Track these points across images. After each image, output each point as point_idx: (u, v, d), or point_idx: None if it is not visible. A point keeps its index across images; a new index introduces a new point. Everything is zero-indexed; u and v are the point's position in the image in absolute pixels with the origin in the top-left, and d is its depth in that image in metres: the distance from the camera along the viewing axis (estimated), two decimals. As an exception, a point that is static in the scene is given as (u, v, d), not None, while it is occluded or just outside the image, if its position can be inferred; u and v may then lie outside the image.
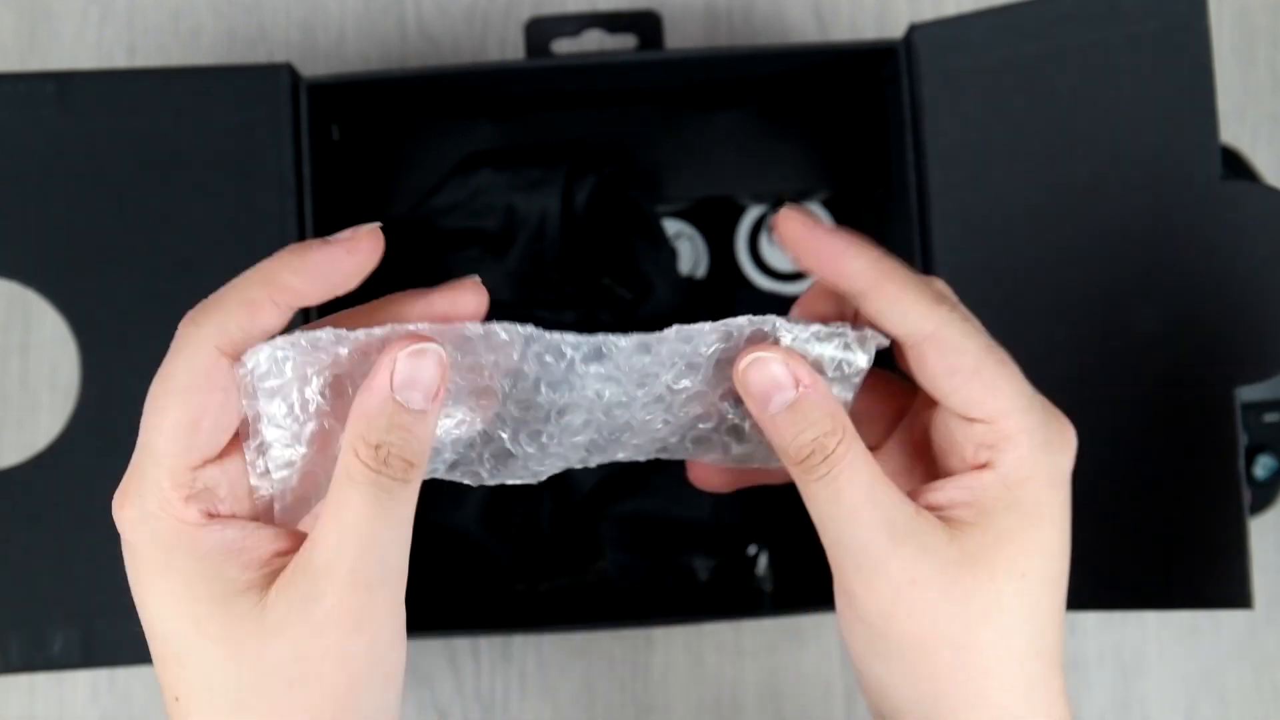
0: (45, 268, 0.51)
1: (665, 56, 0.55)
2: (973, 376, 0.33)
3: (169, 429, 0.31)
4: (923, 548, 0.33)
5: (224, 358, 0.32)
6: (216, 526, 0.32)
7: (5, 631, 0.50)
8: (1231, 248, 0.50)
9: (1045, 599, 0.34)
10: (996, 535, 0.33)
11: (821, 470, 0.33)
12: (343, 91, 0.54)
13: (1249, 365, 0.50)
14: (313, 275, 0.32)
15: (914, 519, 0.33)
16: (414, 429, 0.31)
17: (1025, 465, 0.33)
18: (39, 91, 0.51)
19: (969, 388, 0.33)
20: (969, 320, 0.34)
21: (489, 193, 0.60)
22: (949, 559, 0.33)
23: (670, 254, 0.61)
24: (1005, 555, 0.33)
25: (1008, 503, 0.34)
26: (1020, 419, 0.33)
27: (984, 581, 0.33)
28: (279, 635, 0.30)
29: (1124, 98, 0.51)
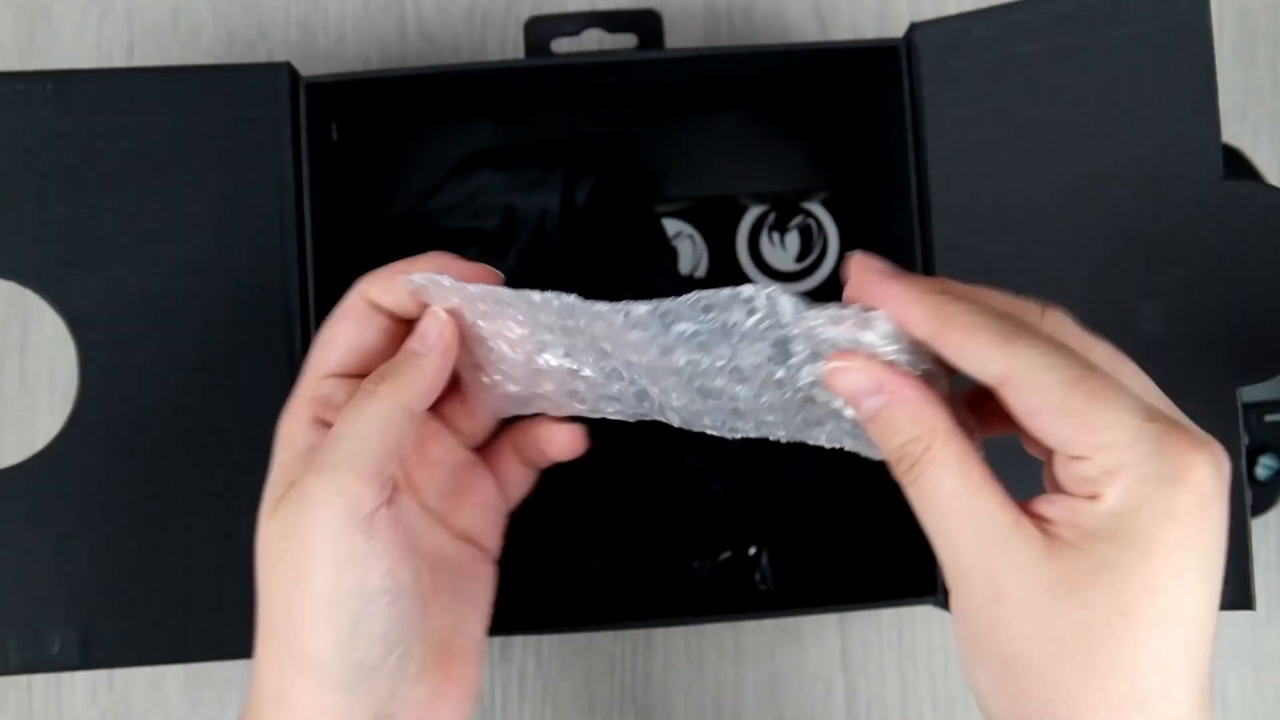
0: (43, 267, 0.51)
1: (665, 55, 0.55)
2: (1059, 415, 0.31)
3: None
4: (1014, 563, 0.31)
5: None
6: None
7: (3, 632, 0.49)
8: (1233, 247, 0.50)
9: (1158, 646, 0.31)
10: (1096, 563, 0.31)
11: (911, 475, 0.33)
12: (342, 91, 0.54)
13: (1251, 365, 0.50)
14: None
15: (1011, 530, 0.32)
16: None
17: (1131, 499, 0.31)
18: (37, 91, 0.51)
19: (1057, 427, 0.31)
20: (1052, 352, 0.32)
21: (488, 192, 0.60)
22: (1041, 578, 0.31)
23: (670, 254, 0.61)
24: (1103, 587, 0.31)
25: (1112, 532, 0.31)
26: (1122, 453, 0.31)
27: (1075, 610, 0.31)
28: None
29: (1125, 97, 0.51)
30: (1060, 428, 0.31)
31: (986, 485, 0.32)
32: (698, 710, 0.64)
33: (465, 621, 0.43)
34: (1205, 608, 0.31)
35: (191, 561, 0.50)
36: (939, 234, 0.52)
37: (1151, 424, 0.31)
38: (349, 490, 0.36)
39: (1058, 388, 0.31)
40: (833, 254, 0.64)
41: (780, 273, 0.64)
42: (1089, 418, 0.31)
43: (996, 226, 0.52)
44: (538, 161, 0.59)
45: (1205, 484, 0.31)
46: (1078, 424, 0.31)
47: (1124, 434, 0.31)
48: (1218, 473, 0.31)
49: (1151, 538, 0.30)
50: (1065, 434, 0.31)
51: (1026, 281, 0.50)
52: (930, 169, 0.52)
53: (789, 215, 0.64)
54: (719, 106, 0.62)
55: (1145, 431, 0.31)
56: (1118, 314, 0.51)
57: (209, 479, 0.50)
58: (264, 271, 0.51)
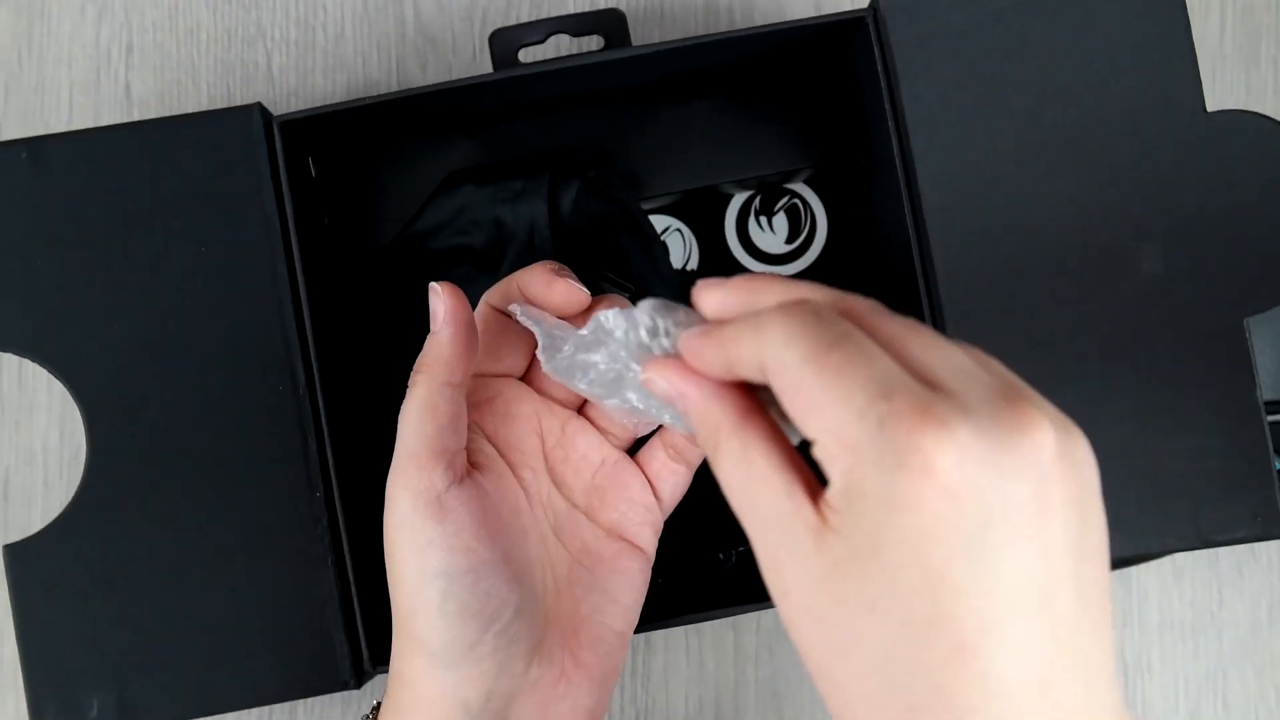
0: (40, 336, 0.51)
1: (632, 54, 0.54)
2: (794, 397, 0.29)
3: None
4: (791, 552, 0.30)
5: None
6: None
7: (41, 702, 0.50)
8: (1226, 178, 0.50)
9: (907, 644, 0.27)
10: (849, 552, 0.28)
11: (714, 469, 0.33)
12: (315, 125, 0.54)
13: (1256, 294, 0.50)
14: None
15: (790, 517, 0.30)
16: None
17: (853, 484, 0.28)
18: (12, 159, 0.51)
19: (793, 406, 0.29)
20: (800, 326, 0.29)
21: (473, 209, 0.60)
22: (814, 569, 0.29)
23: (662, 249, 0.61)
24: (855, 577, 0.28)
25: (856, 519, 0.28)
26: (842, 434, 0.28)
27: (838, 605, 0.28)
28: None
29: (1098, 43, 0.51)
30: (795, 409, 0.29)
31: (773, 474, 0.30)
32: (698, 710, 0.64)
33: (602, 613, 0.44)
34: (992, 608, 0.27)
35: (219, 611, 0.50)
36: (927, 200, 0.52)
37: (884, 402, 0.27)
38: (411, 481, 0.38)
39: (795, 366, 0.29)
40: (822, 232, 0.64)
41: (772, 255, 0.64)
42: (816, 396, 0.28)
43: (985, 185, 0.52)
44: (519, 173, 0.59)
45: (943, 467, 0.26)
46: (807, 405, 0.29)
47: (848, 412, 0.28)
48: (964, 453, 0.27)
49: (881, 529, 0.27)
50: (799, 415, 0.29)
51: (1022, 237, 0.51)
52: (911, 136, 0.52)
53: (775, 198, 0.64)
54: (693, 97, 0.62)
55: (872, 410, 0.27)
56: (1117, 259, 0.51)
57: (227, 526, 0.50)
58: (259, 312, 0.51)
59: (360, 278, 0.61)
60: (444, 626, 0.38)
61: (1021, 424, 0.28)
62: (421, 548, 0.38)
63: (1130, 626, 0.64)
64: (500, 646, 0.39)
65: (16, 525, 0.63)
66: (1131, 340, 0.51)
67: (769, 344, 0.30)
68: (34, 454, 0.63)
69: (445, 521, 0.38)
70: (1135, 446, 0.50)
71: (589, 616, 0.43)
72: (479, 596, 0.39)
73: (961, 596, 0.27)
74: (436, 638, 0.39)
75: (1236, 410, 0.50)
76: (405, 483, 0.39)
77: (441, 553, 0.38)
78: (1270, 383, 0.59)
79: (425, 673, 0.40)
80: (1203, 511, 0.50)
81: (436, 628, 0.39)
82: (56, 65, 0.66)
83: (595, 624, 0.43)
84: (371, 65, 0.66)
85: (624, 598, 0.44)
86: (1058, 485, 0.28)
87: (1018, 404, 0.28)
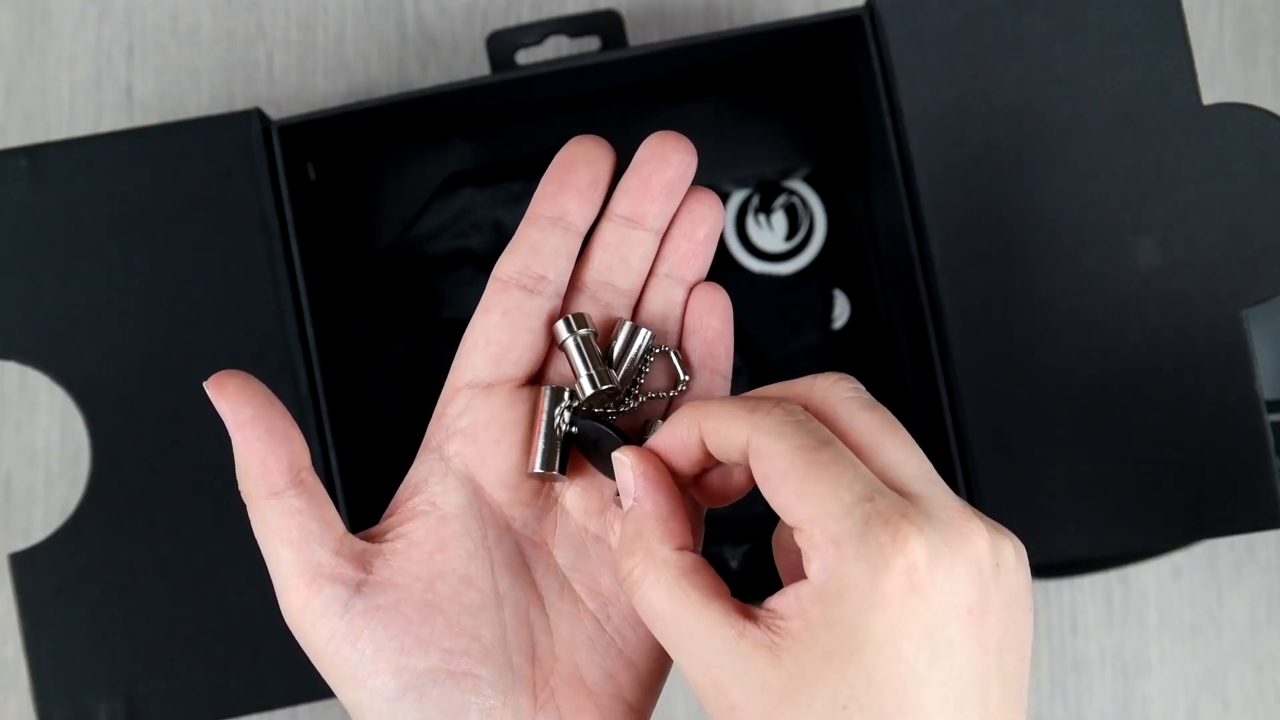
0: (41, 344, 0.51)
1: (629, 54, 0.54)
2: (782, 481, 0.30)
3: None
4: (742, 674, 0.30)
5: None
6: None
7: (49, 708, 0.50)
8: (1221, 171, 0.50)
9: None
10: (819, 656, 0.29)
11: (627, 587, 0.33)
12: (313, 129, 0.54)
13: (1253, 286, 0.50)
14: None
15: (735, 643, 0.30)
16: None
17: (834, 579, 0.29)
18: (11, 167, 0.51)
19: (780, 494, 0.31)
20: (791, 421, 0.31)
21: (473, 211, 0.60)
22: (769, 684, 0.30)
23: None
24: (825, 682, 0.29)
25: (828, 620, 0.29)
26: (829, 526, 0.29)
27: (802, 710, 0.29)
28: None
29: (1093, 36, 0.51)
30: (781, 496, 0.31)
31: (709, 602, 0.31)
32: (698, 710, 0.64)
33: (615, 681, 0.37)
34: (946, 696, 0.29)
35: (225, 616, 0.50)
36: (925, 196, 0.52)
37: (868, 502, 0.29)
38: (297, 616, 0.34)
39: (786, 454, 0.30)
40: (820, 229, 0.64)
41: (770, 254, 0.64)
42: (806, 486, 0.30)
43: (982, 180, 0.52)
44: (518, 174, 0.59)
45: (918, 567, 0.29)
46: (795, 493, 0.30)
47: (834, 507, 0.29)
48: (933, 556, 0.29)
49: (861, 624, 0.29)
50: (785, 502, 0.30)
51: (1019, 230, 0.51)
52: (908, 132, 0.52)
53: (773, 196, 0.64)
54: (690, 96, 0.62)
55: (858, 509, 0.29)
56: (1114, 251, 0.51)
57: (233, 532, 0.50)
58: (261, 317, 0.52)
59: (359, 281, 0.61)
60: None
61: (970, 533, 0.30)
62: (347, 680, 0.33)
63: (1129, 626, 0.64)
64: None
65: (18, 525, 0.63)
66: (1130, 332, 0.51)
67: (762, 429, 0.31)
68: (35, 454, 0.63)
69: (359, 644, 0.33)
70: (1134, 438, 0.51)
71: (597, 687, 0.36)
72: (429, 711, 0.33)
73: (925, 686, 0.29)
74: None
75: (1235, 401, 0.50)
76: (294, 618, 0.34)
77: (369, 680, 0.33)
78: (1269, 383, 0.59)
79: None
80: (1203, 502, 0.50)
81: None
82: (58, 66, 0.66)
83: (604, 697, 0.36)
84: (372, 66, 0.66)
85: (642, 662, 0.37)
86: (994, 589, 0.30)
87: (968, 515, 0.31)
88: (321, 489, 0.35)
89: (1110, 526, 0.51)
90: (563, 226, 0.36)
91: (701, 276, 0.39)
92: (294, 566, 0.33)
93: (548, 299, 0.37)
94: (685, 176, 0.38)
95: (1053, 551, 0.51)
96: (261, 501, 0.34)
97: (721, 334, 0.39)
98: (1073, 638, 0.64)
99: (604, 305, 0.38)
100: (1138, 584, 0.65)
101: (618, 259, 0.38)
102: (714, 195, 0.39)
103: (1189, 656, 0.64)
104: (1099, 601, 0.65)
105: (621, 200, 0.37)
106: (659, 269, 0.38)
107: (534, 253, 0.36)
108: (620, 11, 0.61)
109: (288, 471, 0.33)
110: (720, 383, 0.39)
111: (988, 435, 0.52)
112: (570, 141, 0.37)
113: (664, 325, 0.38)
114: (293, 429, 0.34)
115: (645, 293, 0.39)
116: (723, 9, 0.66)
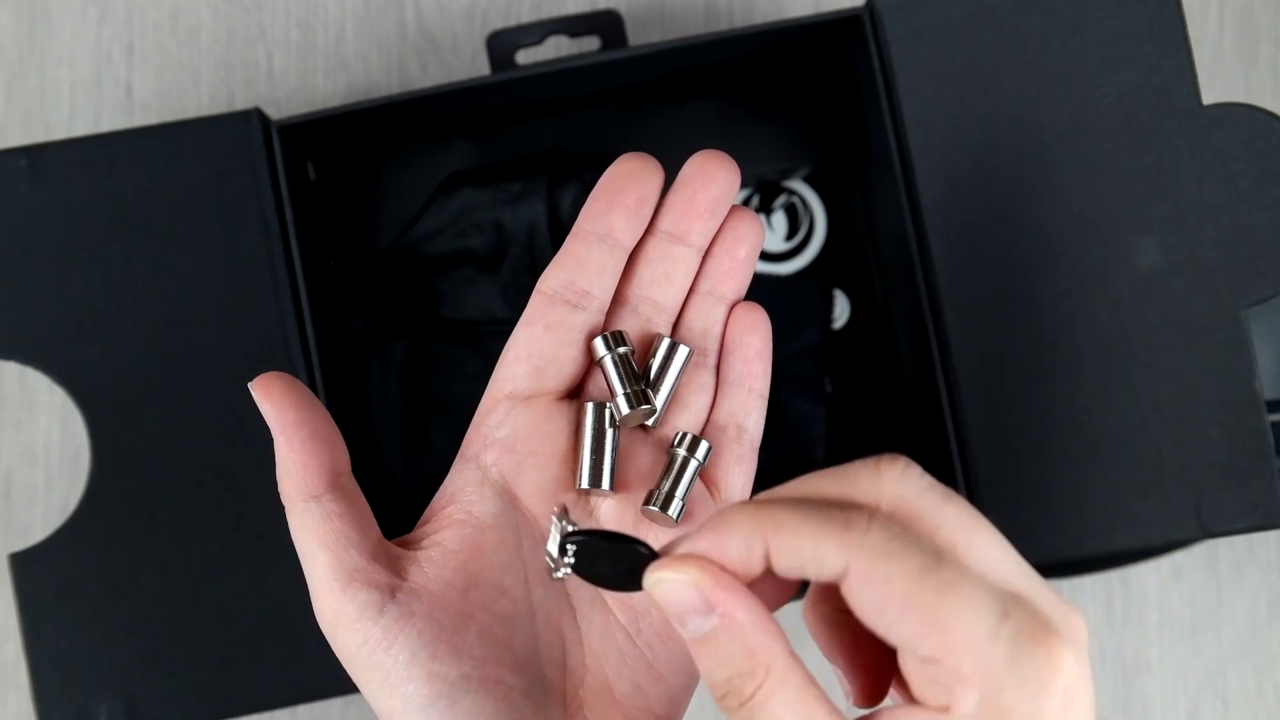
0: (41, 343, 0.51)
1: (629, 54, 0.54)
2: (906, 611, 0.27)
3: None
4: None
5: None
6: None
7: (49, 709, 0.50)
8: (1222, 171, 0.50)
9: None
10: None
11: (743, 715, 0.29)
12: (313, 129, 0.54)
13: (1253, 286, 0.50)
14: None
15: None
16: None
17: (989, 711, 0.27)
18: (12, 167, 0.51)
19: (904, 624, 0.27)
20: (896, 537, 0.28)
21: (473, 211, 0.60)
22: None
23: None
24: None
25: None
26: (977, 656, 0.27)
27: None
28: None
29: (1093, 36, 0.51)
30: (907, 625, 0.27)
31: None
32: (698, 710, 0.64)
33: (645, 694, 0.37)
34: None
35: (225, 617, 0.50)
36: (925, 195, 0.52)
37: (1008, 621, 0.27)
38: (332, 621, 0.33)
39: (902, 578, 0.27)
40: (821, 229, 0.64)
41: (770, 254, 0.64)
42: (939, 614, 0.27)
43: (982, 179, 0.52)
44: (518, 174, 0.59)
45: (1070, 677, 0.27)
46: (926, 622, 0.27)
47: (978, 634, 0.27)
48: (1079, 651, 0.28)
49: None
50: (913, 632, 0.27)
51: (1019, 230, 0.51)
52: (909, 131, 0.52)
53: (773, 195, 0.64)
54: (691, 96, 0.62)
55: (1002, 630, 0.27)
56: (1114, 252, 0.51)
57: (233, 533, 0.50)
58: (260, 317, 0.52)
59: (359, 281, 0.61)
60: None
61: (1076, 624, 0.28)
62: (379, 686, 0.33)
63: (1130, 626, 0.64)
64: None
65: (18, 525, 0.63)
66: (1131, 332, 0.51)
67: (867, 552, 0.28)
68: (35, 454, 0.63)
69: (392, 650, 0.33)
70: (1135, 438, 0.51)
71: (627, 699, 0.36)
72: (461, 719, 0.33)
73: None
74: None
75: (1236, 400, 0.50)
76: (329, 622, 0.33)
77: (401, 686, 0.33)
78: (1269, 383, 0.59)
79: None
80: (1203, 502, 0.50)
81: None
82: (58, 66, 0.66)
83: (633, 709, 0.36)
84: (372, 66, 0.66)
85: (672, 675, 0.37)
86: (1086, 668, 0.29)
87: (1065, 602, 0.29)
88: (360, 494, 0.35)
89: (1110, 526, 0.51)
90: (609, 243, 0.36)
91: (741, 295, 0.39)
92: (330, 570, 0.33)
93: (591, 314, 0.36)
94: (729, 195, 0.37)
95: (1053, 551, 0.51)
96: (300, 505, 0.34)
97: (760, 353, 0.38)
98: (1072, 637, 0.64)
99: (645, 320, 0.38)
100: (1138, 584, 0.65)
101: (660, 274, 0.37)
102: (755, 215, 0.39)
103: (1189, 656, 0.64)
104: (1099, 601, 0.65)
105: (666, 216, 0.37)
106: (700, 286, 0.38)
107: (579, 268, 0.36)
108: (620, 11, 0.61)
109: (328, 476, 0.34)
110: (756, 401, 0.39)
111: (988, 435, 0.51)
112: (619, 159, 0.37)
113: (704, 342, 0.38)
114: (335, 434, 0.34)
115: (686, 309, 0.39)
116: (723, 9, 0.66)
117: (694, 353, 0.38)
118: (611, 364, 0.36)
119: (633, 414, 0.36)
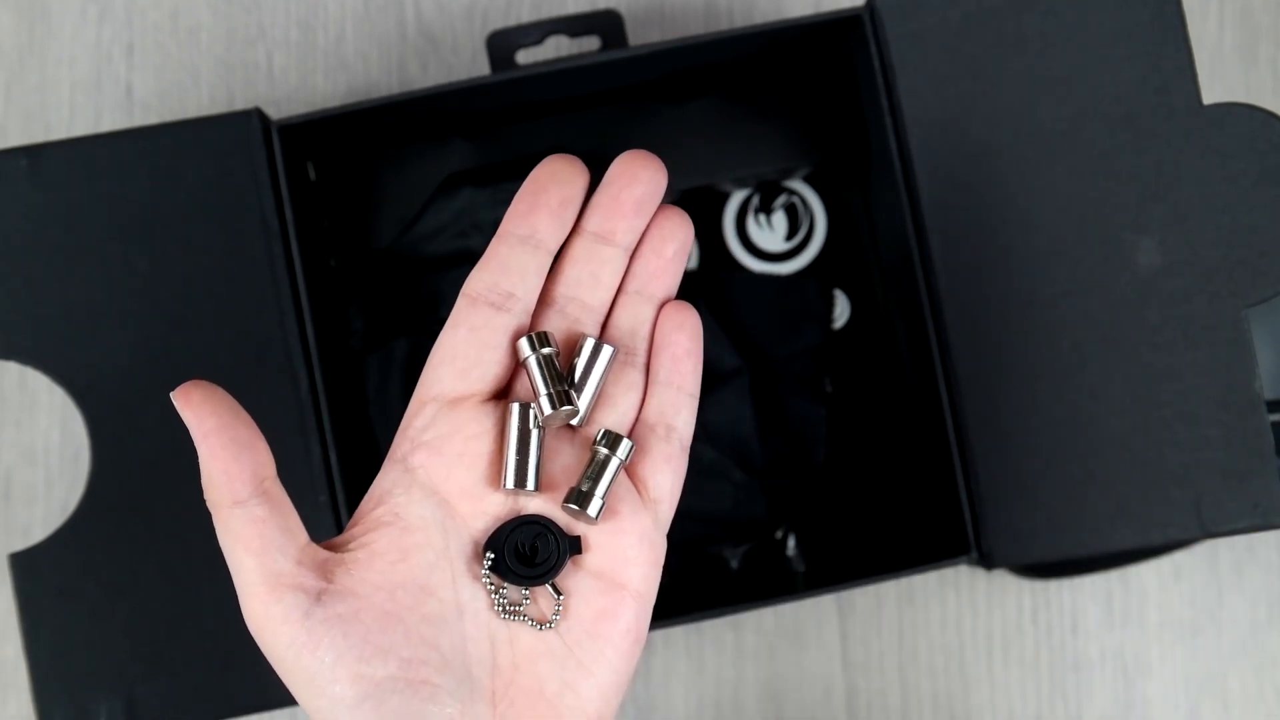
0: (41, 343, 0.51)
1: (629, 54, 0.54)
2: None
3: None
4: None
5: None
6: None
7: (49, 708, 0.50)
8: (1222, 171, 0.50)
9: None
10: None
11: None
12: (313, 129, 0.54)
13: (1253, 286, 0.50)
14: None
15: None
16: None
17: None
18: (11, 167, 0.51)
19: None
20: None
21: (473, 211, 0.60)
22: None
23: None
24: None
25: None
26: None
27: None
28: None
29: (1093, 36, 0.51)
30: None
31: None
32: (698, 710, 0.64)
33: (575, 691, 0.36)
34: None
35: (226, 617, 0.50)
36: (925, 197, 0.52)
37: None
38: (259, 622, 0.34)
39: None
40: (821, 229, 0.64)
41: (771, 254, 0.64)
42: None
43: (982, 179, 0.52)
44: (518, 174, 0.59)
45: None
46: None
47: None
48: None
49: None
50: None
51: (1020, 231, 0.52)
52: (909, 130, 0.52)
53: (773, 195, 0.64)
54: (690, 96, 0.62)
55: None
56: (1114, 252, 0.51)
57: None
58: (260, 318, 0.52)
59: (359, 281, 0.61)
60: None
61: None
62: (307, 687, 0.33)
63: (1130, 626, 0.64)
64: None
65: (18, 525, 0.63)
66: (1131, 332, 0.51)
67: None
68: (35, 454, 0.63)
69: (318, 652, 0.33)
70: (1136, 438, 0.51)
71: (557, 698, 0.36)
72: (388, 718, 0.33)
73: None
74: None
75: (1236, 400, 0.50)
76: (256, 625, 0.34)
77: (328, 687, 0.33)
78: (1269, 383, 0.59)
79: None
80: (1204, 502, 0.50)
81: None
82: (58, 66, 0.66)
83: (565, 708, 0.36)
84: (372, 66, 0.66)
85: (600, 672, 0.37)
86: None
87: None
88: (285, 498, 0.35)
89: (1110, 526, 0.51)
90: (533, 245, 0.37)
91: (671, 294, 0.39)
92: (256, 574, 0.34)
93: (515, 316, 0.37)
94: (655, 194, 0.38)
95: (1052, 551, 0.51)
96: (225, 510, 0.34)
97: (690, 350, 0.39)
98: (1073, 638, 0.64)
99: (573, 320, 0.38)
100: (1138, 584, 0.65)
101: (587, 274, 0.38)
102: (683, 213, 0.39)
103: (1189, 657, 0.64)
104: (1099, 601, 0.64)
105: (591, 216, 0.38)
106: (628, 286, 0.39)
107: (503, 270, 0.37)
108: (620, 11, 0.61)
109: (251, 481, 0.34)
110: (686, 400, 0.39)
111: (988, 435, 0.52)
112: (543, 161, 0.38)
113: (632, 341, 0.39)
114: (257, 439, 0.34)
115: (614, 309, 0.39)
116: (723, 9, 0.66)
117: (620, 352, 0.38)
118: (535, 365, 0.36)
119: (555, 414, 0.36)
